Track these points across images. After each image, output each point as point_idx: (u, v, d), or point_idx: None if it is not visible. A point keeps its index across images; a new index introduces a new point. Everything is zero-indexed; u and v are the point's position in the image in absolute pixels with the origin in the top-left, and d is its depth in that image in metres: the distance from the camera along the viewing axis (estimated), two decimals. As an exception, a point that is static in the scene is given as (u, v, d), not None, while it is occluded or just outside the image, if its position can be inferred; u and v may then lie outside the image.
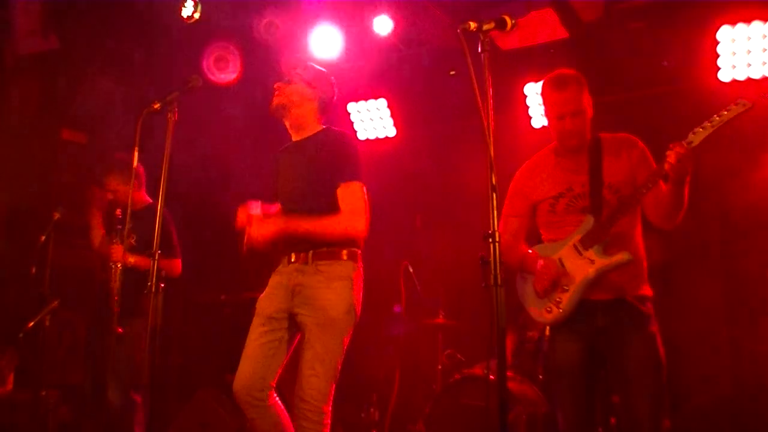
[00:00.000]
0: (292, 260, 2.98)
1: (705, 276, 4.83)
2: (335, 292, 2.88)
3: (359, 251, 3.01)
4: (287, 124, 3.18)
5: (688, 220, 2.73)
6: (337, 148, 2.97)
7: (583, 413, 2.79)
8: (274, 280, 3.07)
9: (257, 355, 2.94)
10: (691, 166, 2.52)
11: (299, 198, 3.01)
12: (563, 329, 2.82)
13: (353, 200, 2.90)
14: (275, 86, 3.14)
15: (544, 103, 2.89)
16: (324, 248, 2.91)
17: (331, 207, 2.91)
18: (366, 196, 2.95)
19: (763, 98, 2.49)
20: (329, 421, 2.84)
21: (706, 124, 2.53)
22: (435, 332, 5.01)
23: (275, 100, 3.12)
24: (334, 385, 2.86)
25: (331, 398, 2.85)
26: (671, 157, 2.51)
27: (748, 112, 2.50)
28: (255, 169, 6.59)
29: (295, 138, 3.19)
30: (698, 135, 2.52)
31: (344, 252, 2.93)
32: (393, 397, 5.26)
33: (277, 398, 2.97)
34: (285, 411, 2.94)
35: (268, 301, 3.01)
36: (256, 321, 3.01)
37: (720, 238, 4.86)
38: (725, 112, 2.51)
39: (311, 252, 2.91)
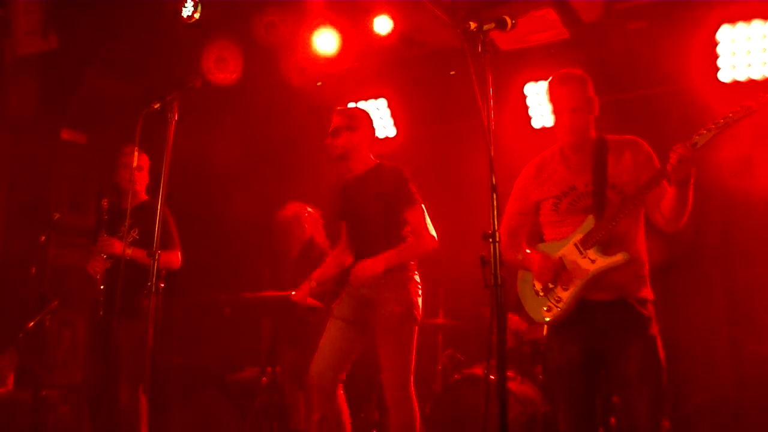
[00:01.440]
0: None
1: (705, 276, 4.83)
2: (396, 295, 3.43)
3: (412, 262, 3.59)
4: (347, 165, 3.71)
5: (688, 221, 2.72)
6: (396, 182, 3.56)
7: (583, 413, 2.78)
8: (346, 291, 3.62)
9: (329, 349, 3.51)
10: (694, 167, 2.51)
11: (371, 222, 3.57)
12: (563, 329, 2.82)
13: (419, 221, 3.53)
14: (326, 143, 3.65)
15: (548, 100, 2.91)
16: None
17: (398, 226, 3.56)
18: (426, 213, 3.56)
19: (765, 99, 2.48)
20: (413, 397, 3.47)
21: (711, 126, 2.51)
22: (435, 332, 5.01)
23: (333, 154, 3.64)
24: (411, 371, 3.46)
25: (411, 382, 3.45)
26: (673, 157, 2.51)
27: (754, 115, 2.48)
28: (255, 169, 6.61)
29: (355, 172, 3.71)
30: (703, 137, 2.51)
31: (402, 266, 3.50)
32: (393, 397, 5.25)
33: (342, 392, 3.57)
34: (346, 406, 3.56)
35: (341, 307, 3.60)
36: (331, 322, 3.59)
37: (720, 239, 4.85)
38: (731, 115, 2.49)
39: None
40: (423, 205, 3.56)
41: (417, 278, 3.60)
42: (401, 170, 3.61)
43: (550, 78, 2.90)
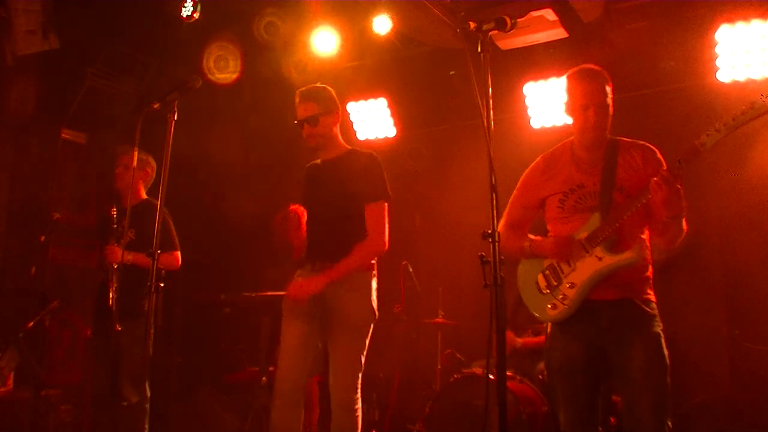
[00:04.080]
0: (317, 268, 3.24)
1: (705, 276, 4.83)
2: (356, 299, 3.21)
3: (374, 262, 3.30)
4: (323, 153, 3.43)
5: (688, 220, 2.72)
6: (365, 170, 3.27)
7: (584, 413, 2.77)
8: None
9: (295, 355, 3.24)
10: (676, 195, 2.53)
11: (330, 213, 3.28)
12: (566, 328, 2.81)
13: (377, 221, 3.23)
14: (304, 133, 3.34)
15: (569, 95, 2.86)
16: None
17: (357, 221, 3.23)
18: (387, 214, 3.27)
19: (764, 99, 2.47)
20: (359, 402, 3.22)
21: (720, 126, 2.48)
22: (435, 332, 5.01)
23: (311, 143, 3.36)
24: (359, 377, 3.20)
25: (359, 387, 3.20)
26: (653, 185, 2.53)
27: (764, 115, 2.46)
28: (255, 169, 6.61)
29: (323, 156, 3.43)
30: (712, 137, 2.48)
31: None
32: (393, 397, 5.27)
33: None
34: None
35: (292, 308, 3.28)
36: (287, 324, 3.29)
37: (720, 239, 4.86)
38: (740, 115, 2.45)
39: (330, 266, 3.18)
40: (387, 204, 3.28)
41: (375, 282, 3.33)
42: (375, 159, 3.32)
43: (573, 72, 2.86)
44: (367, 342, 3.25)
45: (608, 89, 2.81)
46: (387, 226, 3.26)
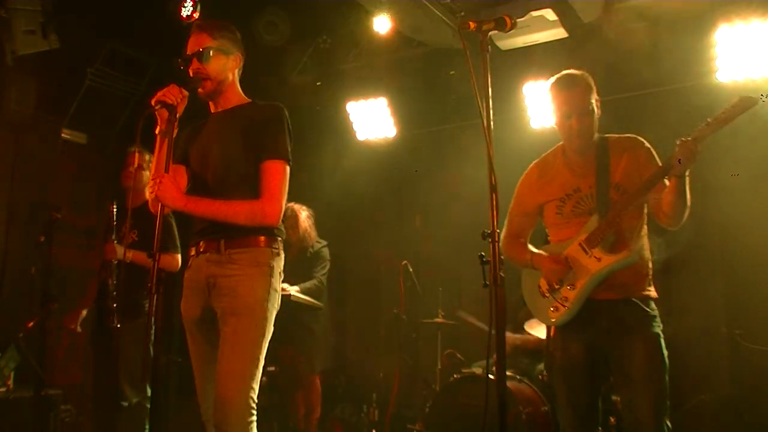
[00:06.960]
0: (201, 250, 2.65)
1: (705, 276, 4.84)
2: (252, 278, 2.56)
3: (279, 238, 2.68)
4: (211, 102, 2.82)
5: (688, 220, 2.72)
6: (266, 123, 2.65)
7: (584, 413, 2.78)
8: (186, 278, 2.75)
9: (205, 374, 2.64)
10: (693, 160, 2.51)
11: (219, 176, 2.66)
12: (567, 329, 2.82)
13: (273, 181, 2.58)
14: (194, 69, 2.70)
15: (552, 103, 2.87)
16: (238, 236, 2.58)
17: (251, 187, 2.60)
18: (287, 178, 2.63)
19: (763, 99, 2.49)
20: (255, 421, 2.50)
21: (711, 121, 2.51)
22: (435, 332, 5.02)
23: (204, 88, 2.71)
24: (256, 383, 2.52)
25: (254, 398, 2.50)
26: (678, 153, 2.50)
27: (752, 108, 2.49)
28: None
29: (216, 109, 2.81)
30: (704, 132, 2.51)
31: (261, 238, 2.61)
32: (393, 397, 5.27)
33: None
34: None
35: (189, 305, 2.70)
36: (188, 334, 2.72)
37: (720, 238, 4.86)
38: (730, 108, 2.49)
39: (223, 241, 2.59)
40: (288, 166, 2.64)
41: (277, 263, 2.65)
42: (281, 111, 2.68)
43: (553, 80, 2.86)
44: (266, 333, 2.58)
45: (591, 94, 2.80)
46: (284, 192, 2.61)
